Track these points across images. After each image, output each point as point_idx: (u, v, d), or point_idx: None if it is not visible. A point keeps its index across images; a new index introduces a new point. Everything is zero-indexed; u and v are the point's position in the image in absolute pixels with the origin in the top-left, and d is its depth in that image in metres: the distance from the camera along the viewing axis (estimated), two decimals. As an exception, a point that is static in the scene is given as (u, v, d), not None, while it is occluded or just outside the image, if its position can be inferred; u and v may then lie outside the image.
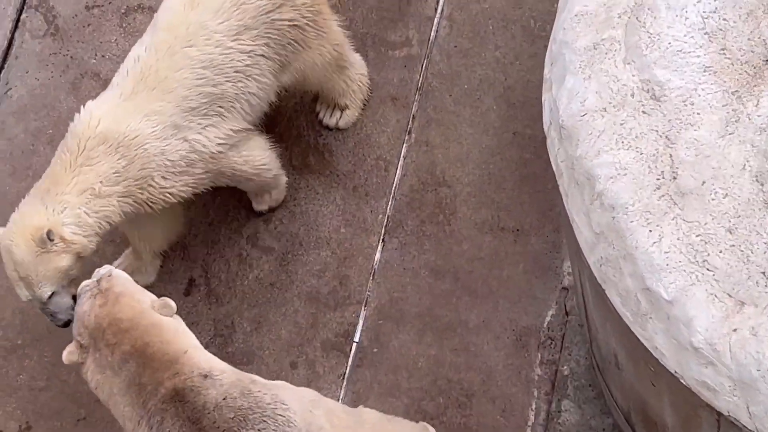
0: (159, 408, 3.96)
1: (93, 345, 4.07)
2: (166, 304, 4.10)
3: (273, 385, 4.07)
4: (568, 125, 3.60)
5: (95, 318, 4.06)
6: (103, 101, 4.60)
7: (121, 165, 4.52)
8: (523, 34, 5.26)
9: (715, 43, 3.50)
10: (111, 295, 4.09)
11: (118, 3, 5.49)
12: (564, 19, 3.76)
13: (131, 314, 4.06)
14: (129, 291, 4.13)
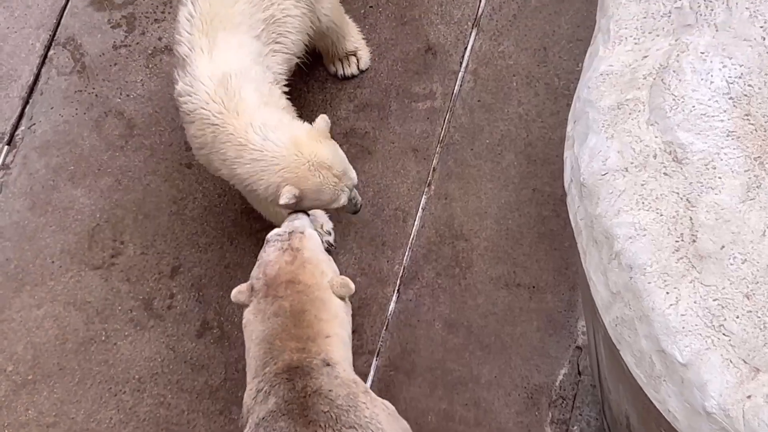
0: (270, 378, 4.03)
1: (264, 290, 4.16)
2: (346, 284, 4.18)
3: (380, 403, 4.09)
4: (589, 183, 3.60)
5: (278, 271, 4.17)
6: (196, 68, 4.60)
7: None
8: (547, 92, 5.27)
9: (740, 109, 3.50)
10: (299, 257, 4.19)
11: (145, 43, 5.53)
12: (589, 78, 3.77)
13: (311, 282, 4.15)
14: (316, 259, 4.22)
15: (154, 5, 5.59)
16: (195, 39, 4.62)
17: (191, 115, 4.62)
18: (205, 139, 4.60)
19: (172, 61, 5.39)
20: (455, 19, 5.44)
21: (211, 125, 4.56)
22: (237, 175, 4.56)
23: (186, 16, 4.66)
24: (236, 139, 4.51)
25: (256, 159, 4.49)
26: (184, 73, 4.64)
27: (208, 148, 4.61)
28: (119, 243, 5.23)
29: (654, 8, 3.76)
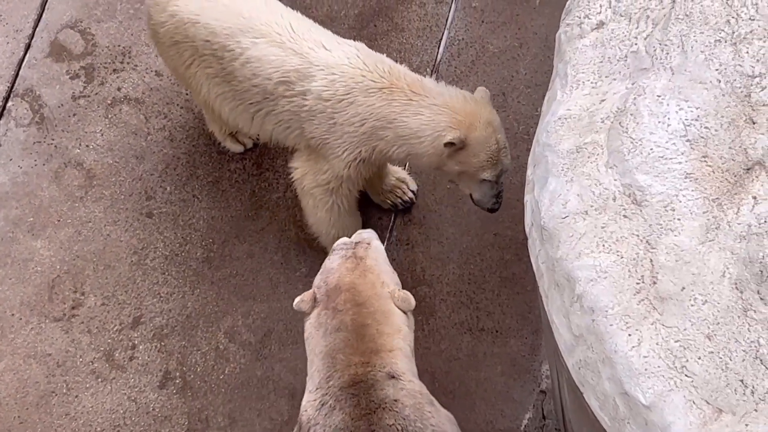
0: (335, 392, 3.99)
1: (325, 302, 4.13)
2: (407, 299, 4.15)
3: (445, 415, 4.07)
4: (550, 227, 3.61)
5: (338, 278, 4.14)
6: (327, 58, 4.64)
7: None
8: (508, 136, 5.29)
9: (697, 151, 3.53)
10: (361, 266, 4.17)
11: (104, 94, 5.52)
12: (548, 122, 3.79)
13: (371, 292, 4.12)
14: (379, 269, 4.19)
15: (113, 55, 5.58)
16: (298, 46, 4.62)
17: (348, 97, 4.60)
18: (370, 110, 4.62)
19: (131, 110, 5.37)
20: (414, 65, 5.47)
21: (377, 91, 4.59)
22: (403, 128, 4.60)
23: (273, 44, 4.65)
24: (406, 94, 4.59)
25: (428, 105, 4.59)
26: (315, 74, 4.62)
27: (373, 118, 4.62)
28: (80, 294, 5.19)
29: (610, 53, 3.79)
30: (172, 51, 4.88)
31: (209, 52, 4.76)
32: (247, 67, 4.69)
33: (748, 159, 3.48)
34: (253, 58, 4.67)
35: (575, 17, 3.90)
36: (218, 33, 4.72)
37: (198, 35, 4.76)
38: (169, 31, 4.83)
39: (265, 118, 4.80)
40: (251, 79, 4.71)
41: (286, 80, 4.66)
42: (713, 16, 3.64)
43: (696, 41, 3.62)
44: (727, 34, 3.60)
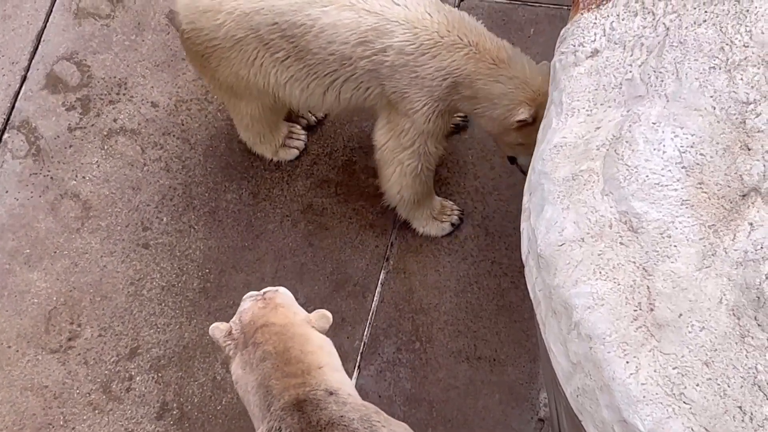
0: (278, 414, 4.00)
1: (242, 341, 4.19)
2: (323, 315, 4.23)
3: (395, 423, 4.09)
4: (546, 254, 3.61)
5: (251, 316, 4.22)
6: (401, 17, 4.71)
7: None
8: (502, 165, 5.30)
9: (693, 177, 3.53)
10: (271, 303, 4.27)
11: (100, 125, 5.52)
12: (543, 150, 3.80)
13: (285, 321, 4.20)
14: (288, 304, 4.30)
15: (109, 87, 5.59)
16: (369, 5, 4.71)
17: (433, 50, 4.67)
18: (455, 66, 4.70)
19: (127, 141, 5.39)
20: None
21: (463, 47, 4.68)
22: (485, 92, 4.71)
23: (344, 8, 4.72)
24: (491, 58, 4.70)
25: (509, 77, 4.71)
26: (393, 30, 4.69)
27: (456, 74, 4.71)
28: (76, 326, 5.18)
29: (605, 80, 3.80)
30: (233, 53, 4.89)
31: (277, 35, 4.79)
32: (321, 37, 4.74)
33: (744, 185, 3.49)
34: (327, 26, 4.72)
35: (570, 45, 3.92)
36: (286, 11, 4.76)
37: (264, 22, 4.78)
38: (230, 30, 4.84)
39: (343, 87, 4.85)
40: (326, 48, 4.76)
41: (363, 40, 4.72)
42: (707, 44, 3.65)
43: (690, 68, 3.64)
44: (721, 61, 3.62)
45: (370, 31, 4.71)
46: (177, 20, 4.99)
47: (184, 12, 4.94)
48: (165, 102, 5.53)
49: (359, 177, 5.36)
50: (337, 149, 5.42)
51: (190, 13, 4.93)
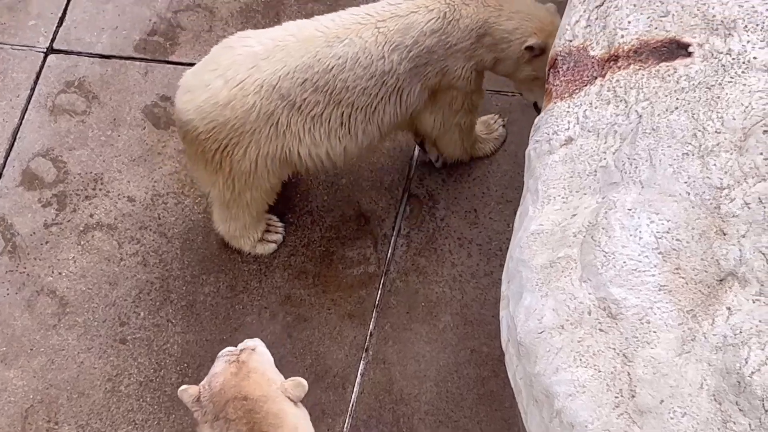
0: None
1: (212, 412, 4.07)
2: (298, 383, 4.09)
3: None
4: (526, 342, 3.61)
5: (222, 383, 4.08)
6: (407, 6, 4.99)
7: None
8: (480, 253, 5.32)
9: (669, 263, 3.55)
10: (244, 369, 4.09)
11: (76, 221, 5.52)
12: (520, 238, 3.81)
13: (257, 394, 4.04)
14: (263, 369, 4.12)
15: (85, 182, 5.60)
16: (379, 17, 4.95)
17: (455, 14, 4.95)
18: (473, 18, 4.97)
19: (104, 237, 5.37)
20: (386, 185, 5.50)
21: (469, 3, 4.96)
22: (500, 31, 4.99)
23: (360, 31, 4.93)
24: (494, 2, 4.99)
25: (515, 12, 5.00)
26: (412, 20, 4.92)
27: (476, 26, 4.97)
28: (53, 424, 5.12)
29: (580, 168, 3.83)
30: (265, 130, 4.94)
31: (310, 91, 4.91)
32: (356, 68, 4.90)
33: (721, 270, 3.50)
34: (357, 54, 4.89)
35: (544, 134, 3.95)
36: (312, 64, 4.89)
37: (293, 84, 4.88)
38: (262, 107, 4.89)
39: (386, 107, 5.03)
40: (364, 75, 4.93)
41: (395, 46, 4.91)
42: (680, 130, 3.69)
43: (664, 155, 3.67)
44: (694, 147, 3.65)
45: (396, 35, 4.91)
46: (189, 126, 4.98)
47: (199, 114, 4.94)
48: (141, 196, 5.53)
49: (337, 267, 5.36)
50: (314, 240, 5.42)
51: (208, 111, 4.93)
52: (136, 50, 5.88)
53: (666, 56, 3.82)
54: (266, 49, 4.90)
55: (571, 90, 3.98)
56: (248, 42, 4.96)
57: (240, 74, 4.88)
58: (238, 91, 4.88)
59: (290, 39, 4.91)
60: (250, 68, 4.88)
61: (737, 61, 3.72)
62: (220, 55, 4.97)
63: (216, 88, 4.90)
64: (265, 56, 4.89)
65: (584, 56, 4.00)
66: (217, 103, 4.90)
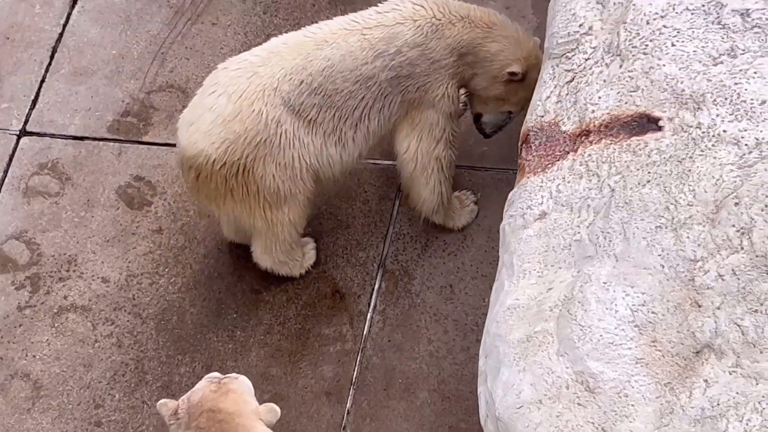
0: None
1: (186, 421, 4.11)
2: (272, 408, 4.15)
3: None
4: (505, 417, 3.60)
5: (201, 397, 4.14)
6: (393, 17, 5.11)
7: None
8: (456, 328, 5.31)
9: (646, 336, 3.55)
10: (224, 388, 4.17)
11: (50, 303, 5.49)
12: (497, 313, 3.82)
13: (232, 409, 4.11)
14: (241, 391, 4.20)
15: (59, 264, 5.58)
16: (365, 24, 5.06)
17: (437, 33, 5.07)
18: (457, 39, 5.10)
19: (78, 318, 5.33)
20: (361, 261, 5.51)
21: (459, 20, 5.10)
22: (484, 52, 5.13)
23: (347, 39, 5.05)
24: (485, 23, 5.13)
25: (504, 36, 5.14)
26: (398, 31, 5.04)
27: (460, 45, 5.11)
28: None
29: (554, 242, 3.85)
30: (279, 137, 4.99)
31: (306, 93, 4.99)
32: (343, 70, 5.00)
33: (697, 342, 3.51)
34: (344, 57, 5.00)
35: (518, 208, 3.97)
36: (305, 65, 4.99)
37: (293, 85, 4.97)
38: (269, 113, 4.95)
39: (370, 113, 5.10)
40: (350, 77, 5.01)
41: (378, 53, 5.02)
42: (652, 203, 3.72)
43: (637, 228, 3.69)
44: (667, 220, 3.68)
45: (380, 42, 5.03)
46: (201, 157, 4.98)
47: (209, 139, 4.94)
48: (116, 277, 5.51)
49: (313, 345, 5.34)
50: (290, 317, 5.41)
51: (218, 132, 4.94)
52: (109, 131, 5.89)
53: (637, 130, 3.87)
54: (261, 58, 5.00)
55: (543, 165, 4.01)
56: (241, 57, 5.07)
57: (241, 85, 4.94)
58: (243, 101, 4.93)
59: (282, 46, 5.03)
60: (249, 77, 4.95)
61: (707, 135, 3.76)
62: (216, 78, 5.04)
63: (220, 105, 4.94)
64: (261, 63, 4.99)
65: (556, 131, 4.04)
66: (224, 120, 4.93)
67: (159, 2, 6.18)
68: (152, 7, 6.17)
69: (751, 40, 3.91)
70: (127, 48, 6.08)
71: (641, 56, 3.98)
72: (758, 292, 3.52)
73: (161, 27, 6.11)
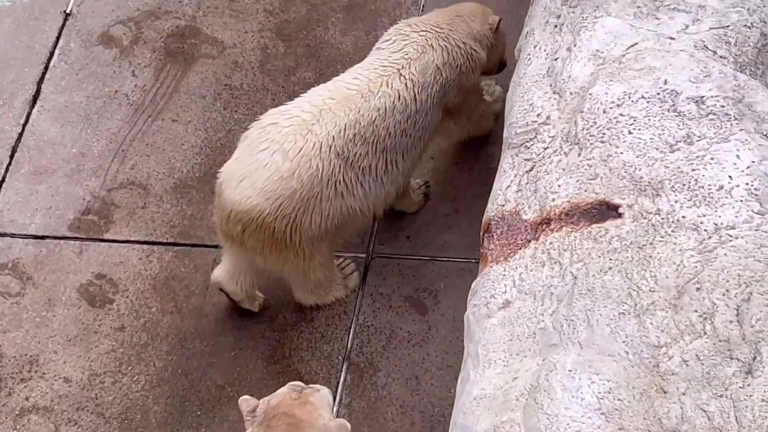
0: None
1: (261, 419, 4.24)
2: (342, 425, 4.23)
3: None
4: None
5: (279, 403, 4.26)
6: (413, 51, 5.45)
7: None
8: (422, 420, 5.28)
9: (613, 423, 3.55)
10: (304, 398, 4.29)
11: (12, 405, 5.42)
12: (463, 403, 3.80)
13: (304, 417, 4.23)
14: (319, 404, 4.30)
15: (20, 365, 5.52)
16: (395, 62, 5.37)
17: (451, 45, 5.46)
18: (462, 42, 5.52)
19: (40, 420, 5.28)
20: (326, 354, 5.48)
21: (451, 28, 5.52)
22: (478, 36, 5.58)
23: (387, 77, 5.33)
24: (457, 23, 5.56)
25: (473, 14, 5.63)
26: (429, 59, 5.38)
27: (462, 50, 5.50)
28: None
29: (519, 330, 3.85)
30: (330, 190, 5.18)
31: (360, 143, 5.20)
32: (396, 114, 5.26)
33: (664, 429, 3.51)
34: (394, 103, 5.26)
35: (481, 298, 3.98)
36: (357, 119, 5.19)
37: (346, 139, 5.17)
38: (324, 168, 5.13)
39: (419, 141, 5.42)
40: (401, 119, 5.29)
41: (422, 87, 5.33)
42: (615, 290, 3.73)
43: (601, 315, 3.71)
44: (630, 306, 3.69)
45: (419, 76, 5.33)
46: (254, 212, 5.11)
47: (264, 195, 5.10)
48: (78, 377, 5.45)
49: None
50: (255, 414, 5.37)
51: (274, 188, 5.09)
52: (70, 229, 5.87)
53: (597, 218, 3.89)
54: (313, 115, 5.15)
55: (506, 254, 4.02)
56: (290, 114, 5.19)
57: (298, 142, 5.09)
58: (301, 158, 5.09)
59: (331, 102, 5.19)
60: (305, 135, 5.11)
61: (666, 221, 3.79)
62: (267, 134, 5.16)
63: (277, 162, 5.08)
64: (314, 121, 5.14)
65: (517, 220, 4.06)
66: (282, 177, 5.08)
67: (119, 100, 6.20)
68: (112, 105, 6.20)
69: (706, 126, 3.97)
70: (88, 146, 6.09)
71: (599, 144, 4.02)
72: (723, 377, 3.53)
73: (122, 124, 6.13)
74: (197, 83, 6.22)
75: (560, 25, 4.41)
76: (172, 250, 5.76)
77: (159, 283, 5.67)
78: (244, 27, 6.38)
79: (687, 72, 4.09)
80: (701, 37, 4.21)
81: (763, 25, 4.25)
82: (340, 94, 5.22)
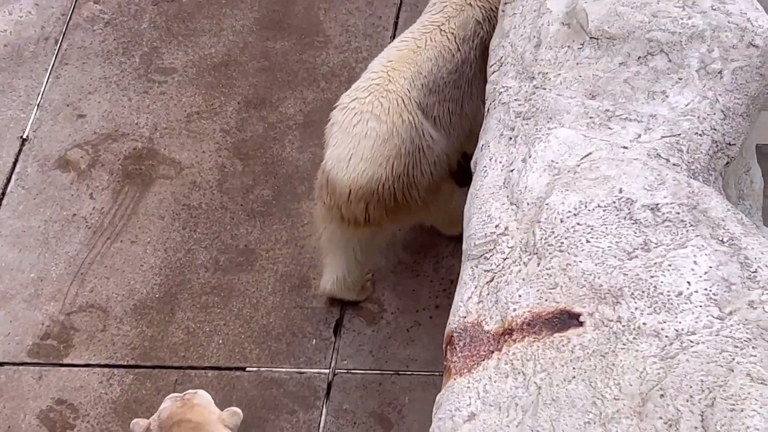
0: None
1: None
2: (235, 412, 4.54)
3: None
4: None
5: (170, 413, 4.54)
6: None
7: None
8: None
9: None
10: (189, 403, 4.59)
11: None
12: None
13: (200, 419, 4.51)
14: (205, 403, 4.61)
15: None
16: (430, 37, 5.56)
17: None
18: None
19: None
20: (290, 473, 5.43)
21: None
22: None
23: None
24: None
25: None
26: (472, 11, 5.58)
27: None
28: None
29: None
30: (420, 141, 5.39)
31: (427, 93, 5.41)
32: (446, 63, 5.47)
33: None
34: (441, 53, 5.48)
35: (446, 411, 3.95)
36: (419, 71, 5.43)
37: (419, 90, 5.38)
38: (413, 120, 5.34)
39: (470, 97, 5.56)
40: (450, 68, 5.48)
41: (462, 39, 5.51)
42: (579, 399, 3.73)
43: (566, 425, 3.69)
44: (595, 415, 3.68)
45: (459, 30, 5.51)
46: (373, 181, 5.31)
47: (375, 163, 5.31)
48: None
49: None
50: None
51: (381, 154, 5.31)
52: (29, 355, 5.81)
53: (558, 327, 3.90)
54: (382, 77, 5.40)
55: (469, 365, 4.01)
56: (362, 86, 5.42)
57: (384, 104, 5.32)
58: (392, 116, 5.31)
59: (390, 64, 5.43)
60: (386, 95, 5.34)
61: (628, 328, 3.80)
62: (352, 110, 5.37)
63: (374, 128, 5.31)
64: (386, 82, 5.37)
65: (479, 331, 4.06)
66: (384, 139, 5.31)
67: (77, 223, 6.20)
68: (70, 228, 6.19)
69: (663, 233, 4.01)
70: (46, 270, 6.06)
71: (558, 254, 4.05)
72: (691, 484, 3.52)
73: (80, 248, 6.11)
74: (155, 204, 6.23)
75: (515, 137, 4.46)
76: (133, 373, 5.71)
77: (120, 406, 5.60)
78: (201, 147, 6.42)
79: (641, 180, 4.14)
80: (654, 145, 4.27)
81: (713, 132, 4.33)
82: (395, 55, 5.48)
